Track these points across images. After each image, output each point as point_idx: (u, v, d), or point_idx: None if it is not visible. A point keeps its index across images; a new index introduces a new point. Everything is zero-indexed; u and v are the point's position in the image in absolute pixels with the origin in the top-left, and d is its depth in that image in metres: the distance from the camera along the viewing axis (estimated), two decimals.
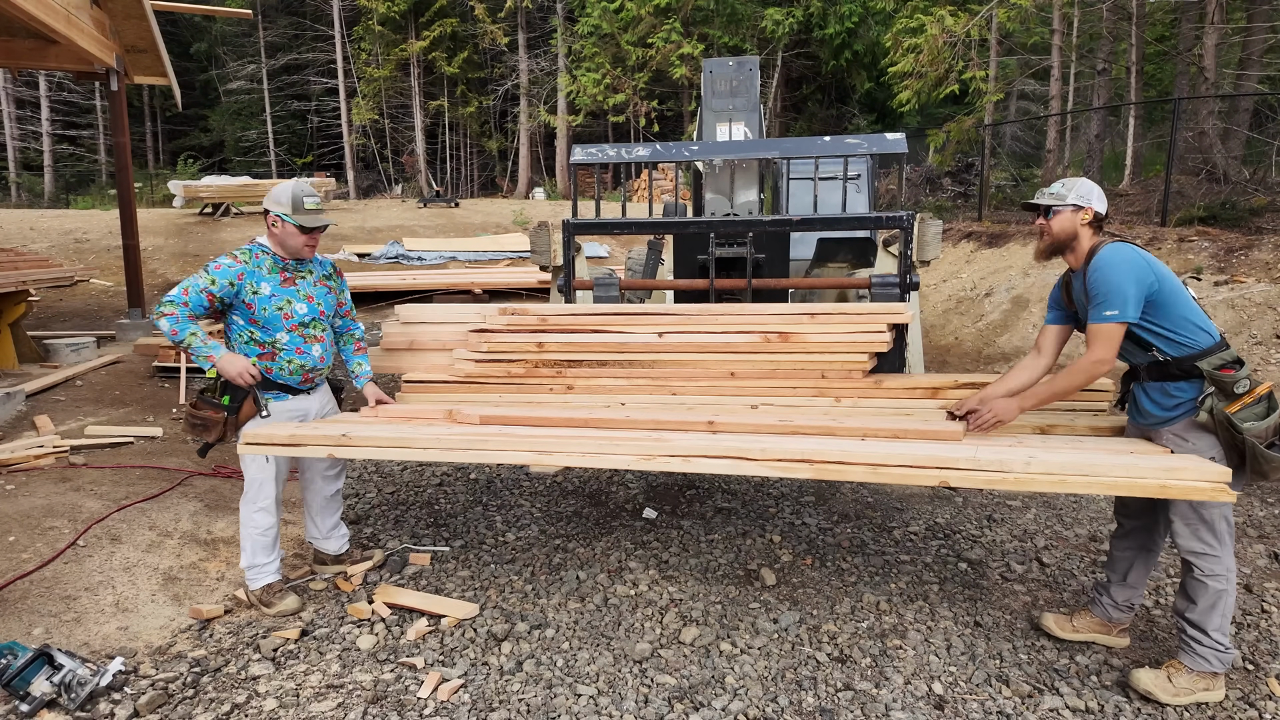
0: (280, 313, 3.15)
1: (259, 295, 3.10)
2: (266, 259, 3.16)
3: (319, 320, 3.28)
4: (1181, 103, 11.02)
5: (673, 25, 22.01)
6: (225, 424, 3.13)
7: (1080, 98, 18.58)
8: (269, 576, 3.29)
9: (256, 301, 3.10)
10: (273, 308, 3.13)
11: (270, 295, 3.13)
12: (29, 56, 8.01)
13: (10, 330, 6.90)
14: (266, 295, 3.12)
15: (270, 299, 3.12)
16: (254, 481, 3.23)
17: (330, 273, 3.43)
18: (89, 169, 30.63)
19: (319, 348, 3.29)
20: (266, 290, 3.12)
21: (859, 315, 3.66)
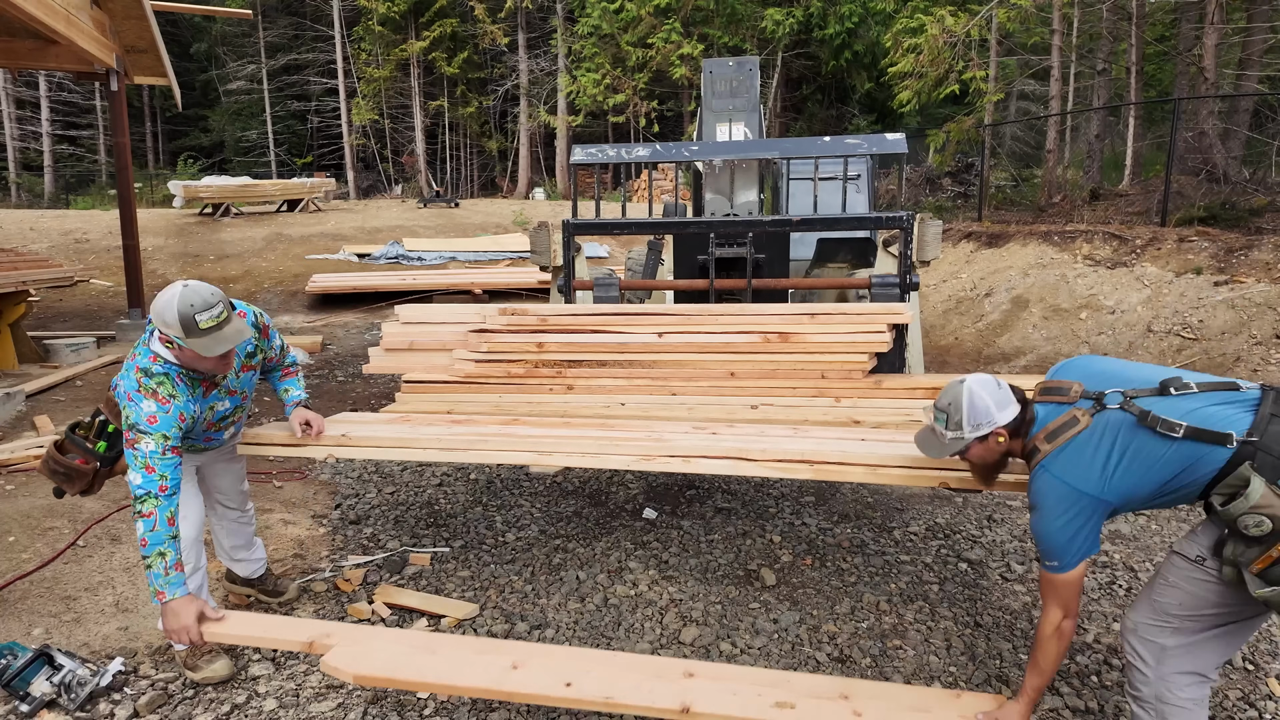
0: (204, 419, 2.67)
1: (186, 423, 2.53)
2: (184, 379, 2.53)
3: (241, 406, 2.85)
4: (1181, 103, 11.02)
5: (673, 25, 22.01)
6: (95, 475, 2.65)
7: (1080, 98, 18.58)
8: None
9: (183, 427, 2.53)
10: (200, 424, 2.66)
11: (198, 415, 2.60)
12: (29, 57, 8.02)
13: (10, 330, 6.91)
14: (193, 416, 2.56)
15: (199, 419, 2.62)
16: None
17: (253, 347, 2.79)
18: (89, 169, 30.64)
19: (232, 430, 2.91)
20: (193, 411, 2.56)
21: (859, 315, 3.66)
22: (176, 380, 2.50)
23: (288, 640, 2.50)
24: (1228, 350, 6.94)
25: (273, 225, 16.54)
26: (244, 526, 3.19)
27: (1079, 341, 8.20)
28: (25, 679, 2.57)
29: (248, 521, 3.20)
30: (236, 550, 3.20)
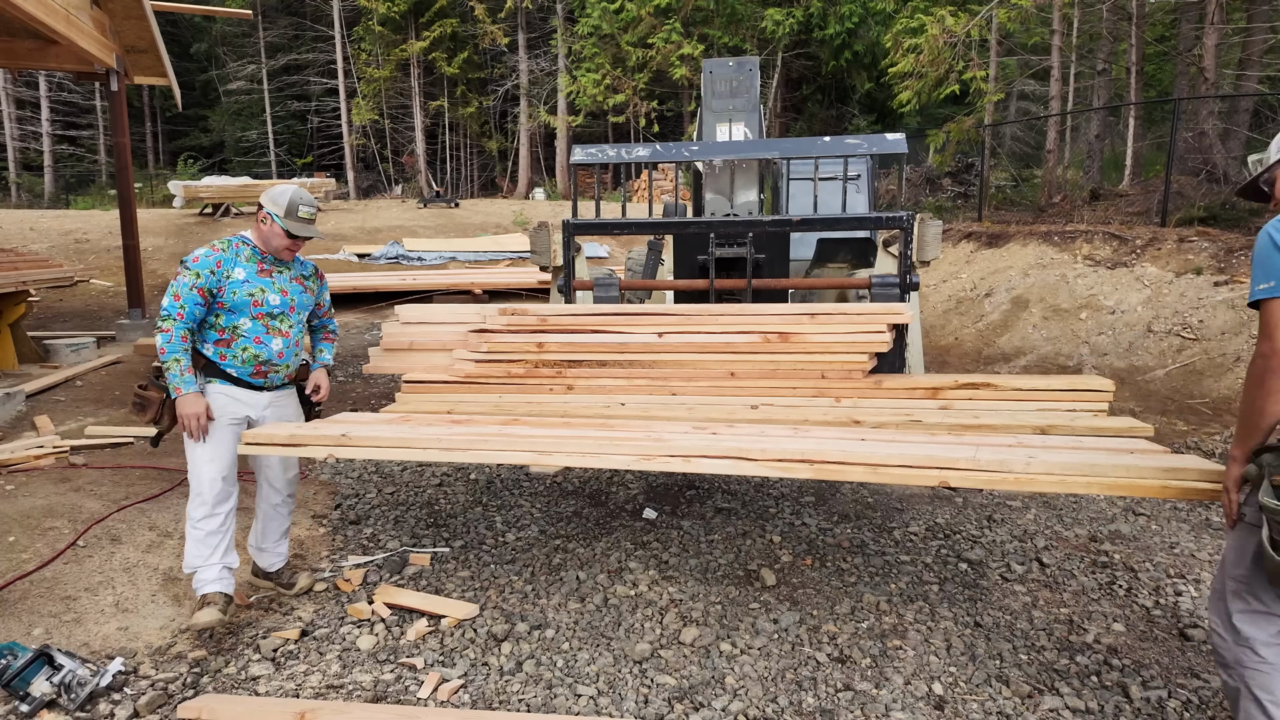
0: (250, 299, 3.06)
1: (231, 280, 3.02)
2: (246, 249, 3.11)
3: (287, 315, 3.17)
4: (1181, 103, 11.02)
5: (673, 26, 22.00)
6: (162, 405, 3.09)
7: (1080, 98, 18.58)
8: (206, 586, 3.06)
9: (227, 285, 3.01)
10: (244, 293, 3.04)
11: (244, 281, 3.05)
12: (29, 57, 8.02)
13: (10, 330, 6.91)
14: (239, 280, 3.04)
15: (243, 284, 3.04)
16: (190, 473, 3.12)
17: (310, 273, 3.34)
18: (89, 169, 30.63)
19: (280, 342, 3.14)
20: (240, 275, 3.05)
21: (859, 315, 3.66)
22: (237, 246, 3.10)
23: (272, 714, 2.55)
24: (1228, 350, 6.94)
25: None
26: (281, 518, 3.39)
27: (1079, 341, 8.20)
28: (25, 679, 2.56)
29: (286, 514, 3.41)
30: (266, 540, 3.38)
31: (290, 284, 3.20)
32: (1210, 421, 6.07)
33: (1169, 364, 7.22)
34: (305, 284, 3.28)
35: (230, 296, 3.03)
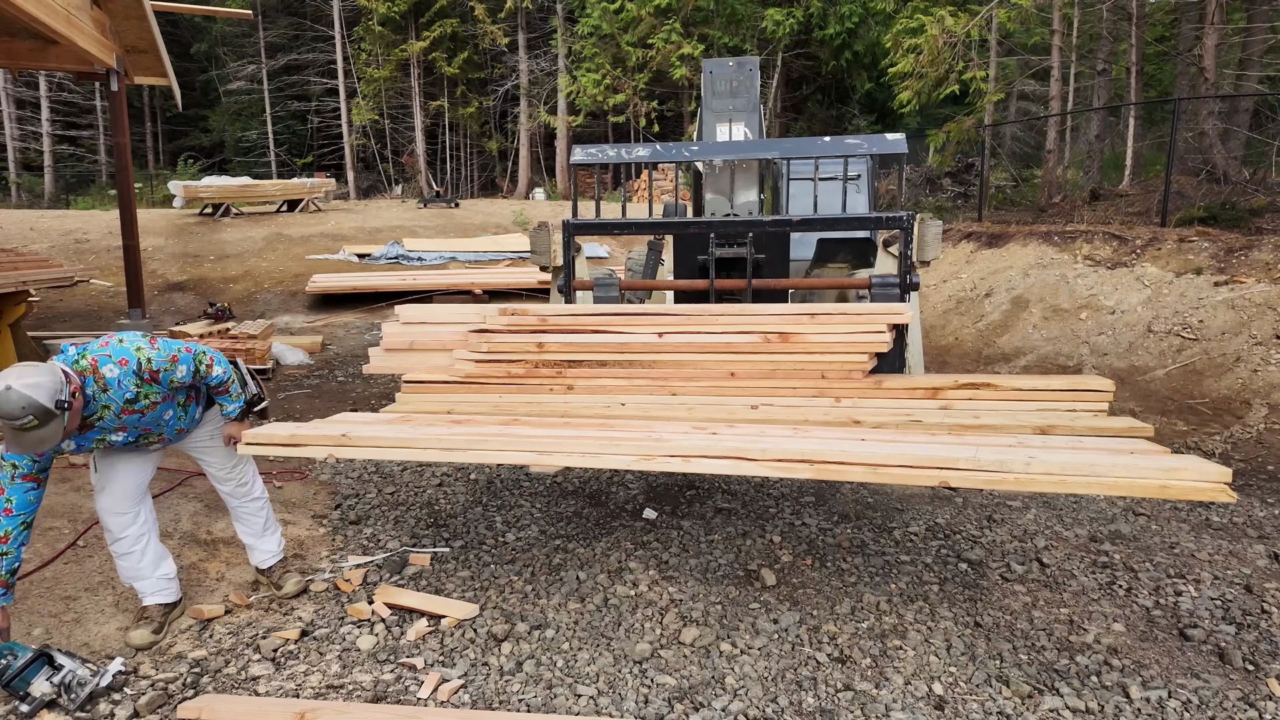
0: (101, 445, 2.86)
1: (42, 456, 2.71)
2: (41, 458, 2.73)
3: (154, 430, 2.96)
4: (1181, 103, 11.02)
5: (673, 26, 21.99)
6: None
7: (1080, 98, 18.58)
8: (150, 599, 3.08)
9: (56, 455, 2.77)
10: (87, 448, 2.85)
11: (75, 449, 2.83)
12: (29, 57, 8.01)
13: (10, 331, 6.90)
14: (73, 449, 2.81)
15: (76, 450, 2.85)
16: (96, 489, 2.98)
17: (135, 393, 2.76)
18: (89, 169, 30.62)
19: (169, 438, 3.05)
20: (72, 445, 2.78)
21: (859, 315, 3.66)
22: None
23: (273, 714, 2.55)
24: (1228, 350, 6.94)
25: (273, 225, 16.54)
26: (249, 514, 3.37)
27: (1079, 342, 8.20)
28: (25, 679, 2.56)
29: (254, 509, 3.38)
30: (248, 536, 3.41)
31: (117, 418, 2.77)
32: (1210, 421, 6.07)
33: (1169, 364, 7.22)
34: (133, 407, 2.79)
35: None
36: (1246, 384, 6.48)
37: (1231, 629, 3.17)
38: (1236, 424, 5.93)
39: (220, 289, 12.21)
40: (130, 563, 3.05)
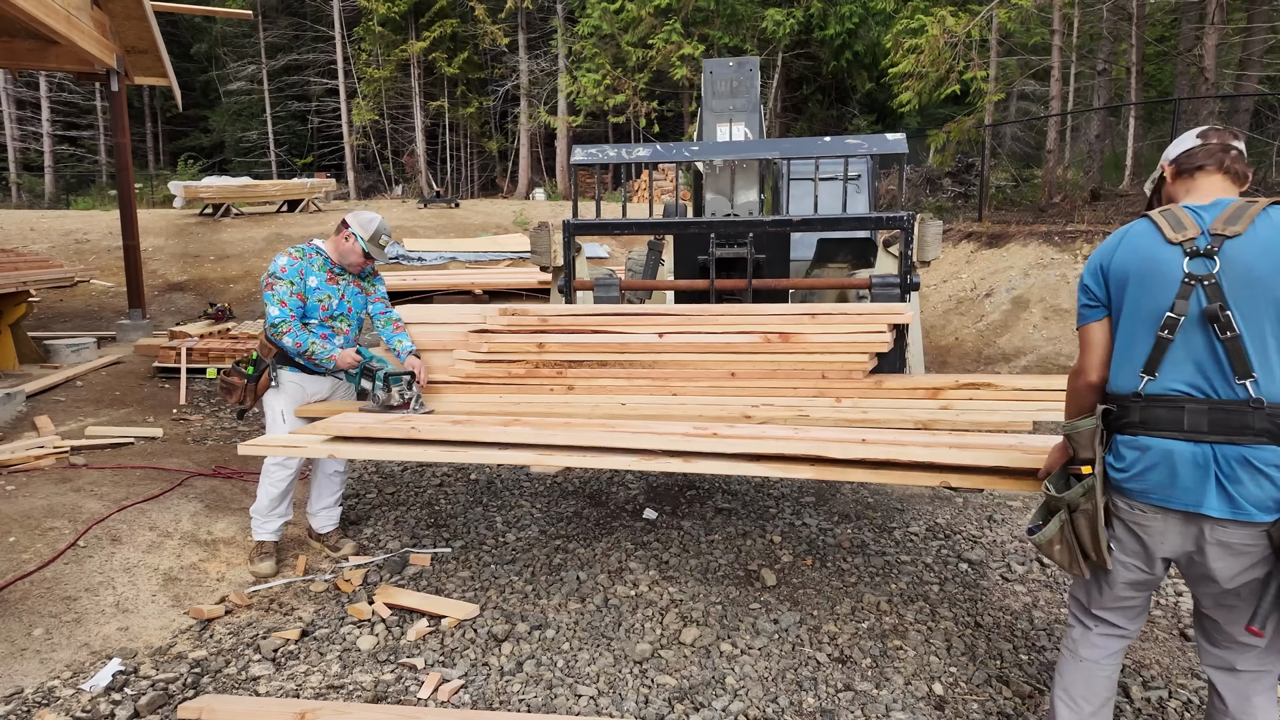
0: (319, 304, 3.62)
1: (308, 286, 3.60)
2: (319, 259, 3.66)
3: (346, 315, 3.72)
4: (1182, 103, 11.02)
5: (673, 26, 21.99)
6: (245, 389, 3.63)
7: (1080, 98, 18.58)
8: (265, 534, 3.68)
9: (305, 290, 3.59)
10: (314, 299, 3.60)
11: (315, 288, 3.61)
12: (29, 57, 8.02)
13: (11, 331, 6.91)
14: (313, 287, 3.61)
15: (314, 290, 3.61)
16: (275, 432, 3.63)
17: (368, 274, 3.88)
18: (89, 169, 30.63)
19: (341, 339, 3.70)
20: (314, 283, 3.61)
21: (859, 315, 3.66)
22: (311, 256, 3.63)
23: (273, 714, 2.55)
24: None
25: (273, 226, 16.54)
26: (334, 485, 3.88)
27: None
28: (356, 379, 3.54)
29: (339, 482, 3.90)
30: (317, 504, 3.89)
31: (349, 288, 3.75)
32: None
33: None
34: (362, 285, 3.84)
35: (305, 301, 3.60)
36: None
37: None
38: None
39: (221, 289, 12.21)
40: (280, 499, 3.65)
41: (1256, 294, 1.87)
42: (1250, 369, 1.85)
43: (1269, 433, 1.83)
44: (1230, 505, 1.87)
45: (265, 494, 3.63)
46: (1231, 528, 1.89)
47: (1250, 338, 1.86)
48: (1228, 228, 1.92)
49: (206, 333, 7.77)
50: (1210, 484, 1.89)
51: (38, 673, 2.80)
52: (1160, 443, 1.95)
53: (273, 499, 3.63)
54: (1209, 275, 1.90)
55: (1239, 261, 1.89)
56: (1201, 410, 1.89)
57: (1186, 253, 1.94)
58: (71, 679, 2.78)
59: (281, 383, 3.63)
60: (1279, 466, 1.83)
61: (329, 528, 3.91)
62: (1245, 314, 1.87)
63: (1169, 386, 1.95)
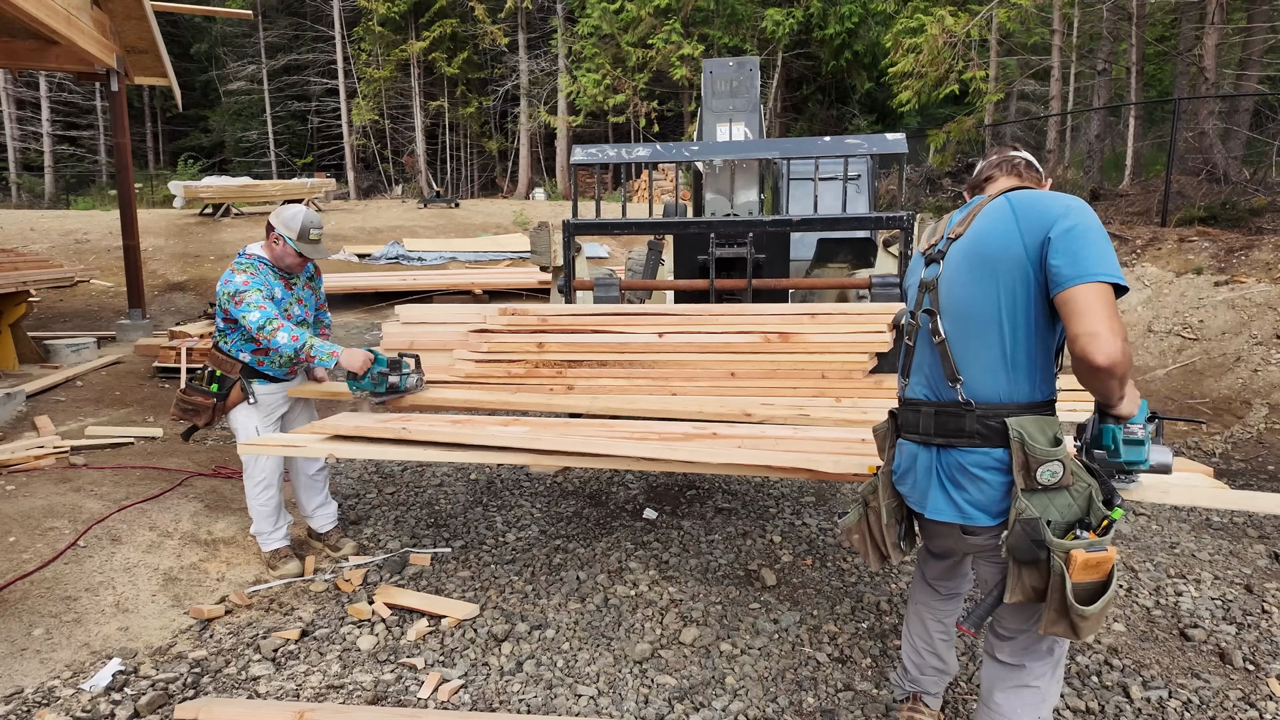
0: (286, 313, 3.47)
1: (275, 298, 3.41)
2: (265, 267, 3.44)
3: (305, 321, 3.63)
4: (1182, 103, 11.02)
5: (673, 26, 21.99)
6: (214, 409, 3.46)
7: (1080, 98, 18.57)
8: (275, 543, 3.65)
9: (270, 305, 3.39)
10: (281, 309, 3.43)
11: (279, 299, 3.44)
12: (29, 57, 8.01)
13: (10, 331, 6.91)
14: (278, 299, 3.43)
15: (280, 301, 3.44)
16: (248, 459, 3.51)
17: (312, 273, 3.72)
18: (89, 169, 30.63)
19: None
20: (278, 294, 3.44)
21: (860, 315, 3.67)
22: (260, 268, 3.40)
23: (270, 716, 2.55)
24: (1228, 350, 6.94)
25: None
26: (319, 484, 3.82)
27: None
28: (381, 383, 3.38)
29: (322, 481, 3.84)
30: (314, 507, 3.83)
31: (303, 291, 3.62)
32: (1210, 421, 6.07)
33: (1169, 364, 7.22)
34: (311, 285, 3.71)
35: None
36: (1247, 384, 6.48)
37: (1232, 629, 3.16)
38: (1237, 424, 5.93)
39: None
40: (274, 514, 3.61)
41: (959, 294, 1.85)
42: (957, 371, 1.84)
43: (979, 434, 1.81)
44: (956, 510, 1.86)
45: (257, 515, 3.58)
46: (960, 533, 1.90)
47: (954, 339, 1.85)
48: (958, 229, 1.90)
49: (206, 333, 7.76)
50: (935, 488, 1.90)
51: (38, 672, 2.80)
52: (909, 445, 1.99)
53: (266, 517, 3.59)
54: (934, 280, 1.90)
55: (953, 262, 1.88)
56: (930, 413, 1.90)
57: (926, 259, 1.97)
58: (71, 679, 2.78)
59: (258, 397, 3.50)
60: (990, 469, 1.80)
61: (329, 526, 3.88)
62: (951, 316, 1.86)
63: (914, 390, 1.99)
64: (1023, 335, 1.77)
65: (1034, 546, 1.70)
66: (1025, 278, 1.74)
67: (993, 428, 1.79)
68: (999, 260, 1.77)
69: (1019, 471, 1.73)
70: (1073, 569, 1.65)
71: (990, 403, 1.80)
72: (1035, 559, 1.71)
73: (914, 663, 2.45)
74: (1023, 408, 1.79)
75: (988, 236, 1.81)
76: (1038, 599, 1.76)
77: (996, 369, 1.80)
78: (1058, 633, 1.74)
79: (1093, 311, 1.62)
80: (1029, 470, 1.72)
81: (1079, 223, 1.68)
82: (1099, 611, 1.68)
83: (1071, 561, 1.65)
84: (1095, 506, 1.72)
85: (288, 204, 3.52)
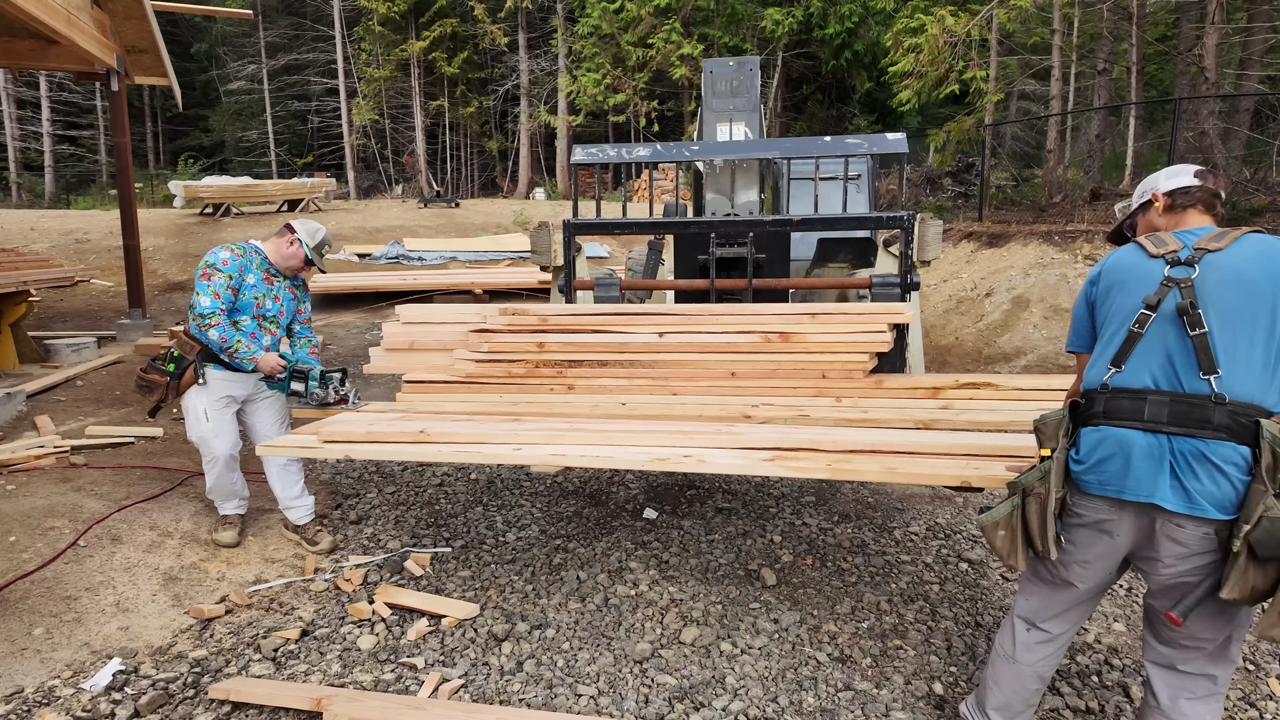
0: (254, 302, 3.65)
1: (245, 284, 3.62)
2: (257, 258, 3.69)
3: (278, 319, 3.77)
4: (1182, 103, 11.01)
5: (673, 25, 21.99)
6: (168, 387, 3.64)
7: (1081, 98, 18.57)
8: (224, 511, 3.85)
9: (242, 288, 3.61)
10: (250, 296, 3.63)
11: (253, 285, 3.64)
12: (30, 57, 8.01)
13: (11, 330, 6.91)
14: (250, 284, 3.63)
15: (252, 289, 3.64)
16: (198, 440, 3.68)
17: (300, 283, 3.92)
18: (89, 169, 30.64)
19: (269, 339, 3.74)
20: (251, 281, 3.64)
21: (860, 315, 3.67)
22: (250, 255, 3.65)
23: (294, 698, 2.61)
24: None
25: (273, 225, 16.53)
26: (293, 474, 3.84)
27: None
28: (285, 385, 3.65)
29: (294, 471, 3.86)
30: (290, 498, 3.84)
31: (284, 292, 3.79)
32: None
33: None
34: (294, 291, 3.88)
35: (241, 298, 3.61)
36: None
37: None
38: None
39: None
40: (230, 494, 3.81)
41: (1231, 296, 1.91)
42: (1215, 365, 1.88)
43: (1228, 429, 1.84)
44: (1185, 499, 1.88)
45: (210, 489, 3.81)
46: (1183, 521, 1.90)
47: (1219, 336, 1.90)
48: (1210, 244, 1.99)
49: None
50: (1165, 475, 1.90)
51: (38, 672, 2.80)
52: (1117, 431, 1.97)
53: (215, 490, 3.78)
54: (1187, 279, 1.96)
55: (1219, 266, 1.95)
56: (1163, 402, 1.92)
57: (1168, 261, 2.02)
58: (72, 678, 2.78)
59: (209, 380, 3.63)
60: (1235, 464, 1.83)
61: (305, 519, 3.88)
62: (1218, 314, 1.91)
63: (1134, 378, 1.98)
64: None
65: (1278, 545, 1.75)
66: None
67: (1244, 425, 1.83)
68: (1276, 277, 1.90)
69: (1267, 473, 1.79)
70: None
71: (1245, 401, 1.85)
72: (1276, 557, 1.76)
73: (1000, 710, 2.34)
74: (1268, 414, 1.85)
75: (1266, 253, 1.93)
76: (1253, 600, 1.82)
77: (1258, 370, 1.87)
78: (1276, 635, 1.79)
79: None
80: (1275, 473, 1.78)
81: None
82: None
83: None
84: None
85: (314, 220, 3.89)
